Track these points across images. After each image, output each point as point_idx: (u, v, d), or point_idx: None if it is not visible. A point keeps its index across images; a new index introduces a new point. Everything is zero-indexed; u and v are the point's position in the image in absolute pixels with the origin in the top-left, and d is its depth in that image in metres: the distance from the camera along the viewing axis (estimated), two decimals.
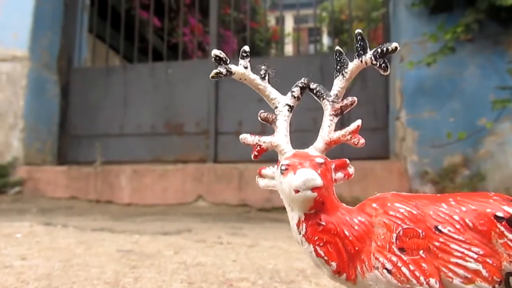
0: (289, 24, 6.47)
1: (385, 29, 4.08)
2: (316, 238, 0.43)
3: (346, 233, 0.43)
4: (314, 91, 0.49)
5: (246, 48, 0.49)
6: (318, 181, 0.40)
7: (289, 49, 5.30)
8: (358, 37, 0.46)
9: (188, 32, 4.93)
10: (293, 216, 0.44)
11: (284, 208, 0.47)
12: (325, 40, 6.31)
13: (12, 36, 3.95)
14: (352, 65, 0.47)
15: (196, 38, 4.52)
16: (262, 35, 5.18)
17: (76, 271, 1.12)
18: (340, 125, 0.51)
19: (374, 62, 0.45)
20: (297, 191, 0.41)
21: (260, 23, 5.57)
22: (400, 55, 3.74)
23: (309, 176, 0.40)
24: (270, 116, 0.49)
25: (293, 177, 0.42)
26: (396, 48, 0.45)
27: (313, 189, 0.41)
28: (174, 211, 3.68)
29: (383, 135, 3.87)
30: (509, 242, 0.40)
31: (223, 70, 0.48)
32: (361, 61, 0.46)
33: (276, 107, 0.49)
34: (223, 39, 4.89)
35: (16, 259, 1.24)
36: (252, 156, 0.49)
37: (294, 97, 0.49)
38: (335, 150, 0.69)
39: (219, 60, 0.48)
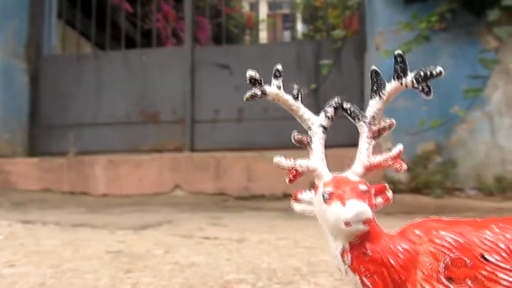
0: (263, 11, 6.42)
1: (360, 17, 4.10)
2: (363, 269, 0.42)
3: (392, 262, 0.42)
4: (348, 112, 0.48)
5: (279, 67, 0.47)
6: (370, 214, 0.39)
7: (263, 35, 5.26)
8: (399, 59, 0.44)
9: (161, 18, 4.81)
10: (337, 245, 0.43)
11: (261, 196, 0.47)
12: (300, 27, 6.30)
13: None
14: (391, 87, 0.46)
15: (170, 24, 4.42)
16: (237, 21, 5.13)
17: (69, 279, 1.08)
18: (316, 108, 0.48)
19: (416, 85, 0.44)
20: (348, 224, 0.40)
21: (235, 9, 5.50)
22: (375, 43, 3.78)
23: (362, 209, 0.39)
24: (305, 138, 0.47)
25: (342, 208, 0.40)
26: (441, 72, 0.44)
27: (366, 221, 0.40)
28: (151, 201, 3.63)
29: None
30: None
31: (258, 92, 0.46)
32: (401, 84, 0.45)
33: (310, 128, 0.47)
34: (198, 25, 4.80)
35: (4, 267, 1.19)
36: (288, 180, 0.47)
37: (328, 118, 0.47)
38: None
39: (254, 82, 0.46)
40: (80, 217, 2.73)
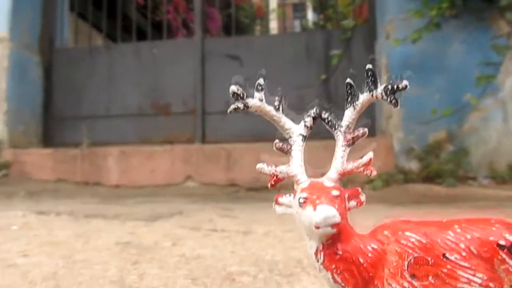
0: (273, 0, 6.41)
1: (370, 5, 4.08)
2: (334, 266, 0.46)
3: (361, 260, 0.46)
4: (326, 121, 0.52)
5: (261, 81, 0.51)
6: (337, 218, 0.44)
7: (273, 25, 5.27)
8: (369, 73, 0.48)
9: (171, 9, 4.85)
10: (311, 245, 0.48)
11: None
12: (310, 16, 6.28)
13: None
14: (363, 98, 0.50)
15: (180, 16, 4.46)
16: (247, 12, 5.15)
17: (80, 269, 1.15)
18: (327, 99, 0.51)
19: (385, 97, 0.48)
20: (317, 227, 0.44)
21: None
22: (385, 32, 3.77)
23: (329, 213, 0.44)
24: (285, 146, 0.51)
25: (313, 212, 0.45)
26: (406, 86, 0.47)
27: (334, 225, 0.44)
28: (163, 192, 3.71)
29: (369, 112, 3.91)
30: (510, 268, 0.44)
31: (241, 105, 0.50)
32: (372, 96, 0.49)
33: (290, 137, 0.51)
34: (208, 16, 4.83)
35: (18, 256, 1.26)
36: (269, 185, 0.52)
37: (307, 127, 0.52)
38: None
39: (236, 96, 0.50)
40: (93, 207, 2.82)
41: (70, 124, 4.17)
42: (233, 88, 0.51)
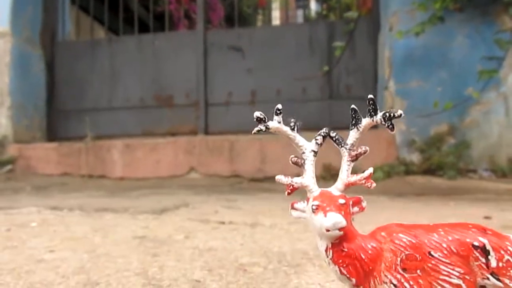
0: None
1: None
2: (341, 261, 0.59)
3: (363, 256, 0.59)
4: (334, 139, 0.64)
5: (279, 106, 0.63)
6: (344, 223, 0.56)
7: (276, 15, 5.36)
8: (370, 102, 0.60)
9: (173, 0, 4.94)
10: (322, 244, 0.60)
11: (275, 178, 0.64)
12: (313, 5, 6.36)
13: None
14: (365, 122, 0.62)
15: (182, 7, 4.55)
16: (249, 1, 5.23)
17: (104, 263, 1.28)
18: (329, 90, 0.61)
19: (383, 123, 0.60)
20: (328, 230, 0.57)
21: None
22: (389, 24, 3.87)
23: (337, 220, 0.56)
24: (299, 161, 0.64)
25: (323, 218, 0.57)
26: (400, 115, 0.60)
27: (341, 229, 0.57)
28: (167, 184, 3.85)
29: None
30: (482, 264, 0.57)
31: (263, 128, 0.62)
32: (373, 121, 0.61)
33: (304, 153, 0.64)
34: (210, 7, 4.93)
35: (45, 252, 1.39)
36: (286, 193, 0.64)
37: (318, 144, 0.64)
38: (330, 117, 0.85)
39: (260, 120, 0.62)
40: (100, 200, 2.95)
41: (73, 118, 4.29)
42: (257, 113, 0.63)
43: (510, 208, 2.65)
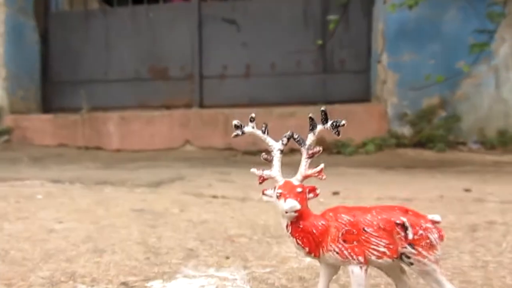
0: None
1: None
2: (297, 234, 0.81)
3: (314, 231, 0.81)
4: (296, 140, 0.85)
5: (253, 115, 0.84)
6: (298, 207, 0.78)
7: None
8: (323, 113, 0.81)
9: None
10: (283, 221, 0.82)
11: (268, 151, 0.86)
12: None
13: None
14: (319, 128, 0.83)
15: None
16: None
17: (109, 233, 1.51)
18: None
19: (332, 129, 0.81)
20: (286, 212, 0.79)
21: None
22: None
23: (293, 204, 0.78)
24: (269, 157, 0.85)
25: (284, 203, 0.79)
26: (344, 124, 0.80)
27: (296, 211, 0.78)
28: (163, 156, 4.07)
29: (365, 78, 4.22)
30: (401, 237, 0.79)
31: (240, 132, 0.83)
32: (324, 127, 0.82)
33: (272, 151, 0.85)
34: None
35: (55, 223, 1.62)
36: (258, 183, 0.86)
37: (284, 144, 0.85)
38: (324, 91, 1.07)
39: (237, 127, 0.83)
40: (98, 172, 3.18)
41: (68, 89, 4.47)
42: (235, 122, 0.83)
43: (493, 180, 2.89)
